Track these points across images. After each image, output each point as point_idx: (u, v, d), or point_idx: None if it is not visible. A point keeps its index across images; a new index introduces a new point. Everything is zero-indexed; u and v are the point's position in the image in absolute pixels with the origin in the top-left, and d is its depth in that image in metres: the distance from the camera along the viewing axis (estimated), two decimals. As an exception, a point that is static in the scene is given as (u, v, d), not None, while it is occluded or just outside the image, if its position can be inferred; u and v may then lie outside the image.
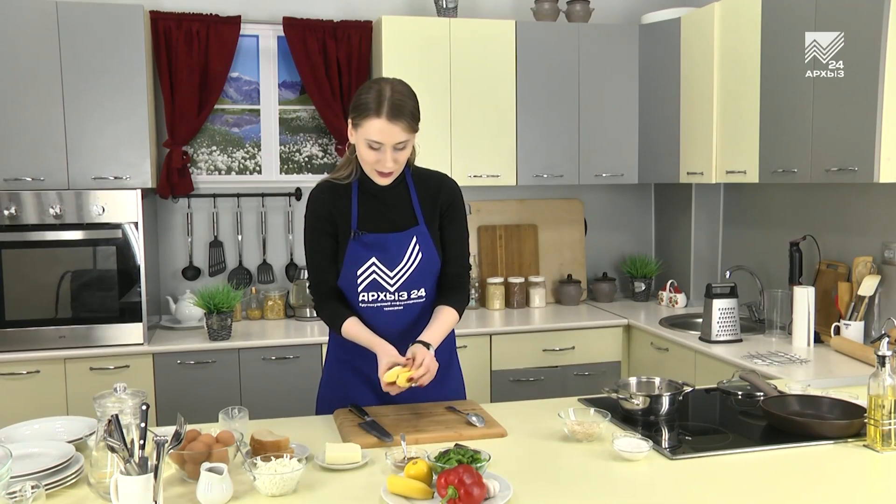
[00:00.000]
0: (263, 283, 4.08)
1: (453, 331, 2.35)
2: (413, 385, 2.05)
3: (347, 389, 2.29)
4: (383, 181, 2.14)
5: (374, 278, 2.18)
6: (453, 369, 2.40)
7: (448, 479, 1.56)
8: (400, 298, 2.20)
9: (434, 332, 2.16)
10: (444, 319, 2.20)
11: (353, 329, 2.17)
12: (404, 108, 2.04)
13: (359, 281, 2.18)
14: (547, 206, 4.44)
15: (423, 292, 2.22)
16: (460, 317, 2.28)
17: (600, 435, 2.01)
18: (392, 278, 2.18)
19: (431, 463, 1.69)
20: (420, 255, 2.19)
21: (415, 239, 2.19)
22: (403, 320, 2.22)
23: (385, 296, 2.19)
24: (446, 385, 2.34)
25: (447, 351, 2.34)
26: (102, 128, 3.46)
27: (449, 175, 2.32)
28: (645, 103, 4.14)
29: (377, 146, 2.06)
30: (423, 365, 2.05)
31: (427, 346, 2.11)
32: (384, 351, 2.10)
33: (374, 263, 2.17)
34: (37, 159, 3.40)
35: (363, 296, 2.19)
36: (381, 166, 2.08)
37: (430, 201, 2.23)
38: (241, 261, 4.09)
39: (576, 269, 4.45)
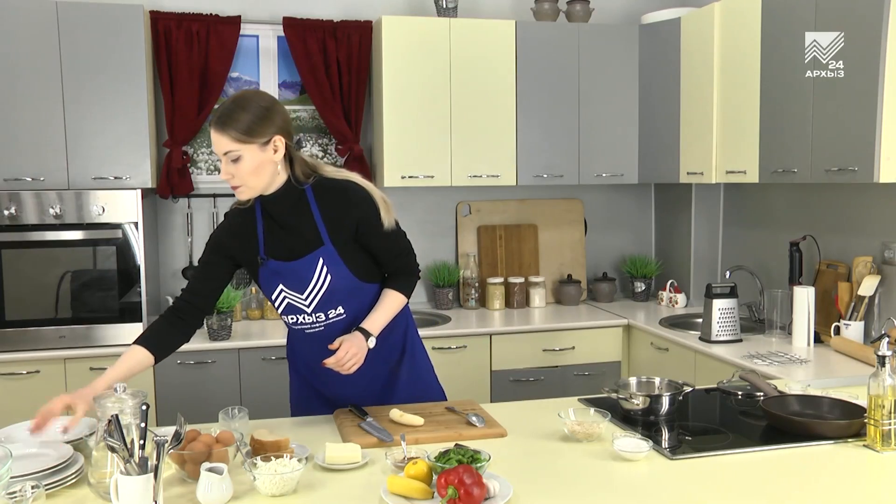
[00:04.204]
0: (263, 283, 4.07)
1: (415, 331, 2.34)
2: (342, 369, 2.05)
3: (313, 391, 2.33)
4: (238, 196, 2.08)
5: (289, 302, 2.15)
6: (404, 370, 2.31)
7: (448, 479, 1.56)
8: (318, 319, 2.15)
9: (375, 319, 2.13)
10: (386, 304, 2.16)
11: (122, 358, 2.04)
12: (231, 117, 1.96)
13: (276, 305, 2.18)
14: (547, 206, 4.44)
15: (341, 310, 2.14)
16: (409, 297, 2.23)
17: (600, 435, 2.01)
18: (305, 300, 2.13)
19: (431, 463, 1.69)
20: (329, 276, 2.09)
21: (321, 261, 2.09)
22: (328, 341, 2.11)
23: (304, 318, 2.16)
24: (396, 387, 2.29)
25: (397, 350, 2.28)
26: (102, 128, 3.46)
27: (356, 183, 2.14)
28: (645, 103, 4.14)
29: (219, 158, 2.01)
30: (344, 351, 2.03)
31: (366, 333, 2.09)
32: (91, 387, 1.92)
33: (282, 290, 2.14)
34: (37, 159, 3.39)
35: (285, 318, 2.20)
36: (224, 178, 2.03)
37: (336, 218, 2.09)
38: (241, 261, 4.09)
39: (576, 269, 4.44)
